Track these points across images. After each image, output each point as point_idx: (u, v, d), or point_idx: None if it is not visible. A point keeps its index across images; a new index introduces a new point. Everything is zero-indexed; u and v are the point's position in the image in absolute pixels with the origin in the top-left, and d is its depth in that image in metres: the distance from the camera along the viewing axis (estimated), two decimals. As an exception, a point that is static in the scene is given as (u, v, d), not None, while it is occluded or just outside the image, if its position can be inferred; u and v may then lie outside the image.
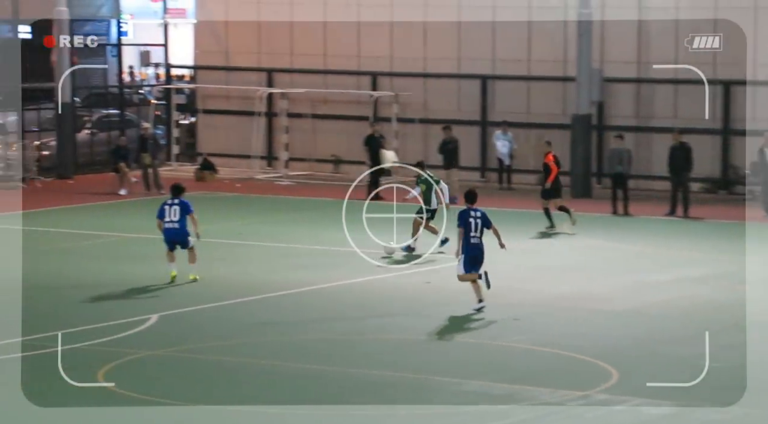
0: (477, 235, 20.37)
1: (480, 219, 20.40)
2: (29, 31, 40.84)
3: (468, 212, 20.45)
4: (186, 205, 22.78)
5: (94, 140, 38.36)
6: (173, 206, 22.75)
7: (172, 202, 22.85)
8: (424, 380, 16.67)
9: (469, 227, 20.30)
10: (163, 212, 22.77)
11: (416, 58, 36.75)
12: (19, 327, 19.06)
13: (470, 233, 20.33)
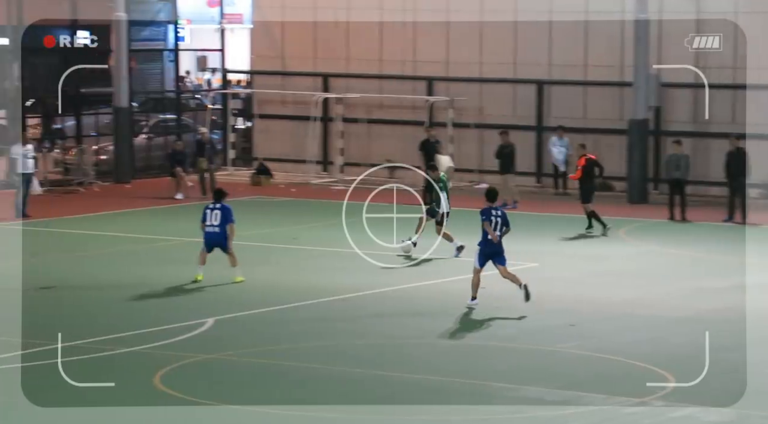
0: (496, 233, 20.73)
1: (500, 218, 20.81)
2: (88, 36, 41.17)
3: (490, 210, 20.85)
4: (228, 211, 22.90)
5: (151, 145, 38.60)
6: (215, 211, 22.91)
7: (214, 206, 23.00)
8: (479, 385, 16.63)
9: (490, 225, 20.68)
10: (205, 216, 22.93)
11: (472, 63, 36.70)
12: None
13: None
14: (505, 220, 20.86)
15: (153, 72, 43.83)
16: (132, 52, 38.06)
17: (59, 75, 40.41)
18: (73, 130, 38.40)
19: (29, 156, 30.81)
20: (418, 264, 24.69)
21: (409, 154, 35.37)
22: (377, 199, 25.73)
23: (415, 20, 37.13)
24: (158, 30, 43.34)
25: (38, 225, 29.44)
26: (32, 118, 38.66)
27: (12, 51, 38.26)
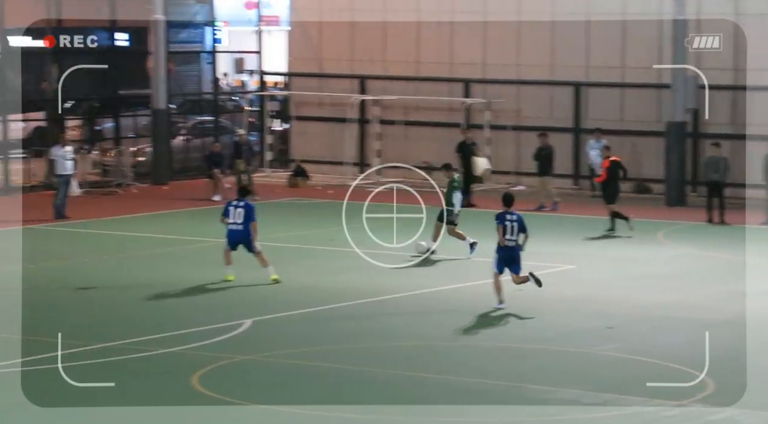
0: (512, 238, 20.85)
1: (516, 223, 20.89)
2: (126, 38, 41.42)
3: (504, 214, 20.96)
4: (251, 209, 22.94)
5: (188, 146, 38.75)
6: (238, 208, 22.96)
7: (237, 203, 23.05)
8: (515, 387, 16.61)
9: (505, 230, 20.77)
10: (228, 212, 22.96)
11: (509, 65, 36.65)
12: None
13: (505, 235, 20.79)
14: (522, 225, 20.88)
15: (190, 74, 44.07)
16: (170, 53, 38.23)
17: (98, 77, 40.71)
18: (112, 131, 38.61)
19: (68, 157, 31.00)
20: (453, 266, 24.64)
21: (446, 156, 35.33)
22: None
23: (452, 21, 37.11)
24: (196, 32, 43.58)
25: (77, 226, 29.63)
26: (71, 120, 38.91)
27: (51, 53, 38.53)
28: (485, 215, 30.55)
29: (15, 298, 22.08)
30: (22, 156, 36.12)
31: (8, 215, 31.09)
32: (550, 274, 24.26)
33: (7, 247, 27.19)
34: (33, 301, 21.87)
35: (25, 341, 18.84)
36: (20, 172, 35.41)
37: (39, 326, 19.95)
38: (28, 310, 21.27)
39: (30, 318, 20.63)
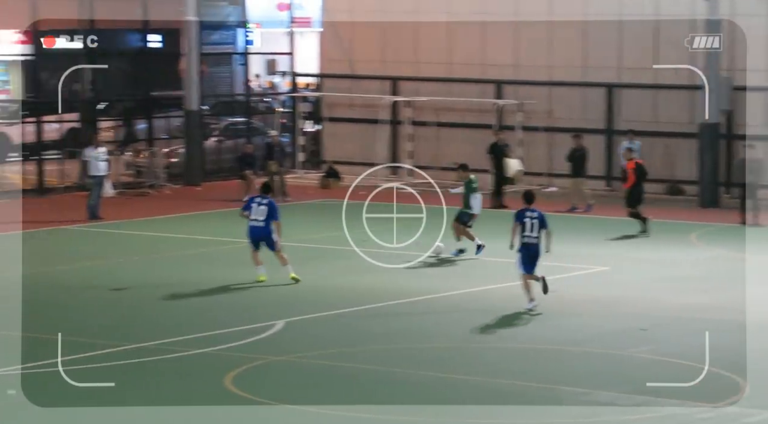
0: (533, 235, 20.84)
1: (537, 220, 20.89)
2: (159, 39, 41.58)
3: (524, 212, 20.99)
4: (274, 207, 22.94)
5: (221, 148, 38.84)
6: (261, 205, 22.96)
7: (261, 200, 23.05)
8: (551, 389, 16.57)
9: (524, 227, 20.80)
10: (250, 207, 22.96)
11: (541, 67, 36.58)
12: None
13: (525, 233, 20.82)
14: (543, 221, 20.92)
15: (223, 75, 44.19)
16: (202, 55, 38.33)
17: (131, 78, 40.91)
18: (145, 133, 38.76)
19: (101, 159, 31.11)
20: (482, 267, 24.59)
21: (478, 157, 35.32)
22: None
23: (484, 21, 37.03)
24: (228, 33, 43.67)
25: (110, 227, 29.75)
26: (104, 122, 39.07)
27: (84, 55, 38.71)
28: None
29: (49, 297, 22.22)
30: (57, 157, 36.29)
31: (42, 215, 31.28)
32: (582, 276, 24.22)
33: (40, 247, 27.37)
34: (67, 301, 21.99)
35: (55, 341, 18.91)
36: (55, 173, 35.59)
37: (72, 326, 20.05)
38: (62, 310, 21.39)
39: (64, 318, 20.75)
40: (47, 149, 36.36)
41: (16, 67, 42.97)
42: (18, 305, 21.44)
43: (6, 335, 19.38)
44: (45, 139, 36.47)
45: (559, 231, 28.01)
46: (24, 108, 40.00)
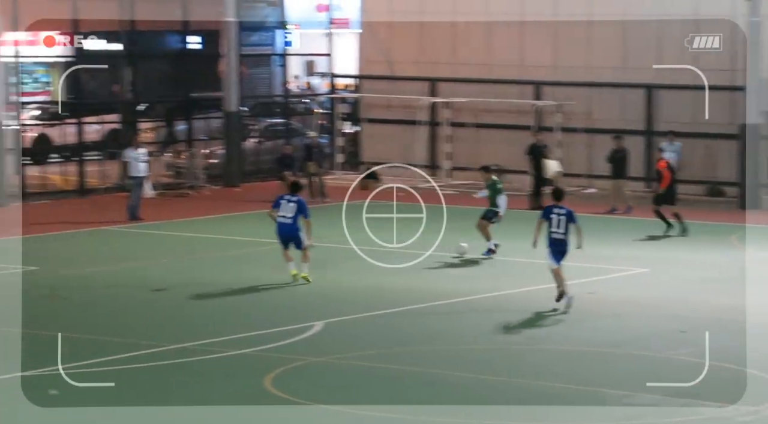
0: (560, 231, 21.09)
1: (564, 216, 21.10)
2: (199, 41, 41.74)
3: (552, 208, 21.24)
4: (303, 205, 23.06)
5: (260, 149, 38.96)
6: (290, 203, 23.09)
7: (290, 198, 23.14)
8: (591, 391, 16.54)
9: (551, 223, 21.06)
10: (279, 204, 23.06)
11: (580, 67, 36.49)
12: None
13: (552, 229, 21.09)
14: (571, 217, 21.09)
15: (262, 76, 44.31)
16: (241, 56, 38.47)
17: (171, 80, 41.10)
18: (185, 134, 38.94)
19: (141, 159, 31.26)
20: (521, 269, 24.55)
21: (517, 158, 35.29)
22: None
23: (522, 21, 36.96)
24: (267, 35, 43.79)
25: (150, 228, 29.90)
26: (144, 123, 39.27)
27: (125, 56, 38.93)
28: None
29: (90, 298, 22.37)
30: (97, 158, 36.50)
31: (83, 216, 31.48)
32: (622, 277, 24.16)
33: (79, 248, 27.56)
34: (108, 302, 22.12)
35: (101, 341, 19.05)
36: (95, 174, 35.80)
37: (113, 326, 20.18)
38: (103, 311, 21.52)
39: (105, 319, 20.88)
40: (88, 150, 36.58)
41: (57, 69, 43.29)
42: (63, 305, 21.59)
43: (38, 335, 19.55)
44: (86, 140, 36.69)
45: (599, 233, 28.08)
46: (64, 109, 40.29)
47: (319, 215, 32.99)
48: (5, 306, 21.77)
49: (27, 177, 34.65)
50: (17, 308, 21.62)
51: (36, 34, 40.32)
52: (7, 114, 34.52)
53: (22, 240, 28.16)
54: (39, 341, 19.11)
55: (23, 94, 37.11)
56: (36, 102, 41.48)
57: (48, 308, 21.49)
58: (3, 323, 20.22)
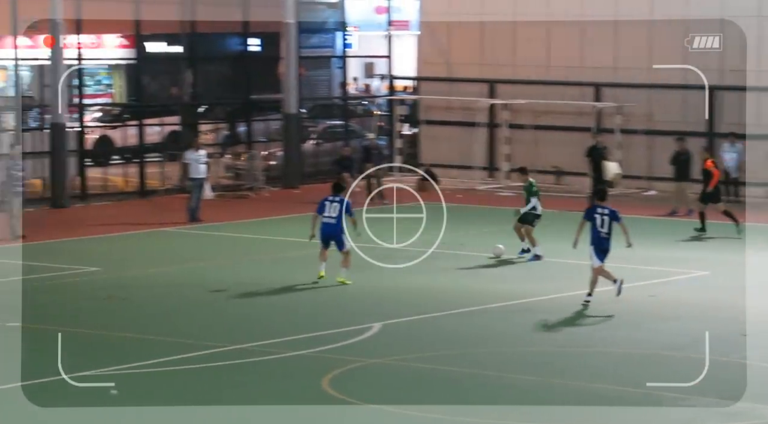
0: (604, 230, 21.39)
1: (607, 216, 21.41)
2: (259, 43, 41.94)
3: (596, 208, 21.55)
4: (347, 204, 23.28)
5: (319, 150, 39.06)
6: (333, 203, 23.29)
7: (333, 199, 23.30)
8: (650, 394, 16.43)
9: (595, 223, 21.32)
10: (324, 207, 23.27)
11: (640, 69, 36.24)
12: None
13: (596, 229, 21.36)
14: (614, 216, 21.39)
15: (321, 78, 44.43)
16: (301, 58, 38.59)
17: (231, 82, 41.33)
18: (244, 136, 39.13)
19: (201, 161, 31.43)
20: (576, 272, 24.41)
21: (576, 160, 35.13)
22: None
23: (582, 20, 36.78)
24: (326, 37, 43.90)
25: (209, 229, 30.07)
26: (205, 125, 39.49)
27: (185, 58, 39.19)
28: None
29: (150, 298, 22.54)
30: (158, 160, 36.77)
31: (145, 218, 31.73)
32: (683, 280, 23.97)
33: (142, 248, 27.77)
34: (167, 302, 22.27)
35: (158, 341, 19.19)
36: (156, 175, 36.06)
37: (172, 327, 20.32)
38: (162, 311, 21.68)
39: (163, 319, 21.03)
40: (148, 152, 36.85)
41: (119, 71, 43.67)
42: (132, 306, 21.78)
43: (94, 335, 19.71)
44: (146, 142, 36.96)
45: (659, 235, 27.89)
46: (126, 111, 40.65)
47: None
48: (63, 307, 21.98)
49: (88, 178, 34.94)
50: (75, 308, 21.84)
51: (99, 37, 40.74)
52: (70, 116, 34.88)
53: (83, 241, 28.43)
54: (94, 341, 19.29)
55: (85, 97, 37.44)
56: (98, 104, 41.85)
57: (107, 309, 21.66)
58: (60, 324, 20.42)
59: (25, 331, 19.65)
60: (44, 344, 19.03)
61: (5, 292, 22.97)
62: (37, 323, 20.29)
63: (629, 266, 24.74)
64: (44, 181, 33.88)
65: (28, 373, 17.01)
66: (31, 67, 39.87)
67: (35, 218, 30.81)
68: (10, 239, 28.07)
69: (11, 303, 21.91)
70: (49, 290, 23.09)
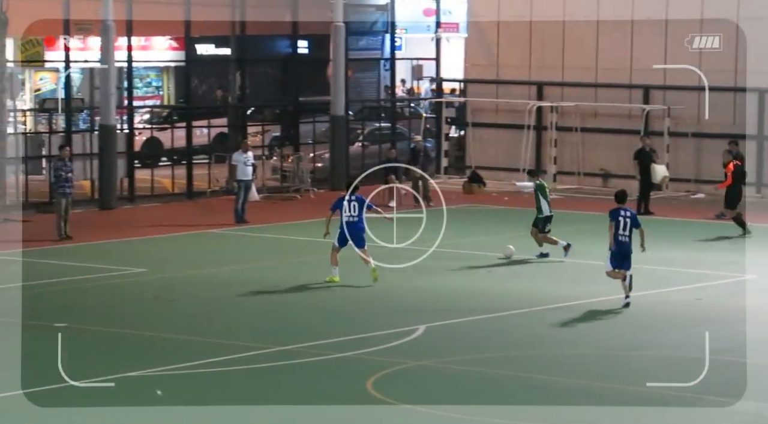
0: (625, 233, 21.41)
1: (629, 218, 21.45)
2: (307, 46, 42.06)
3: (618, 210, 21.53)
4: (364, 201, 23.54)
5: (365, 152, 39.10)
6: (352, 202, 23.50)
7: (350, 198, 23.41)
8: (697, 398, 16.34)
9: (618, 225, 21.33)
10: (341, 205, 23.42)
11: (689, 72, 35.99)
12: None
13: (618, 231, 21.34)
14: (635, 220, 21.47)
15: (369, 81, 44.49)
16: (349, 61, 38.65)
17: (279, 84, 41.48)
18: (292, 137, 39.21)
19: (249, 163, 31.55)
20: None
21: (622, 162, 34.99)
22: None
23: (632, 19, 36.58)
24: (375, 39, 43.95)
25: (256, 230, 30.19)
26: (252, 126, 39.66)
27: (234, 60, 39.37)
28: (662, 223, 30.19)
29: (197, 300, 22.66)
30: (205, 162, 36.95)
31: (192, 219, 31.90)
32: (730, 283, 23.81)
33: (193, 249, 27.93)
34: (214, 304, 22.38)
35: (207, 343, 19.30)
36: (203, 177, 36.24)
37: (219, 328, 20.41)
38: (209, 312, 21.78)
39: (209, 320, 21.13)
40: (196, 154, 37.05)
41: (169, 73, 43.93)
42: (179, 306, 21.89)
43: (140, 336, 19.85)
44: (194, 143, 37.15)
45: (707, 238, 27.74)
46: (174, 113, 40.88)
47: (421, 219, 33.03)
48: (111, 308, 22.14)
49: (136, 180, 35.17)
50: (123, 309, 21.99)
51: (149, 39, 41.02)
52: (119, 118, 35.13)
53: (130, 242, 28.62)
54: (141, 342, 19.42)
55: (135, 99, 37.70)
56: (147, 106, 42.13)
57: (154, 310, 21.80)
58: (107, 325, 20.58)
59: (73, 332, 19.81)
60: (92, 345, 19.20)
61: (53, 293, 23.17)
62: (86, 323, 20.45)
63: (676, 269, 24.66)
64: (93, 183, 34.14)
65: (75, 374, 17.15)
66: (82, 70, 40.20)
67: (83, 219, 31.06)
68: (58, 240, 28.33)
69: (59, 304, 22.12)
70: (96, 291, 23.27)
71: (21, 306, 21.35)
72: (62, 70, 35.22)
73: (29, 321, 20.42)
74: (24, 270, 24.96)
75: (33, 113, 37.94)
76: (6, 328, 20.05)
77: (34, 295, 22.73)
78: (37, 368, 17.26)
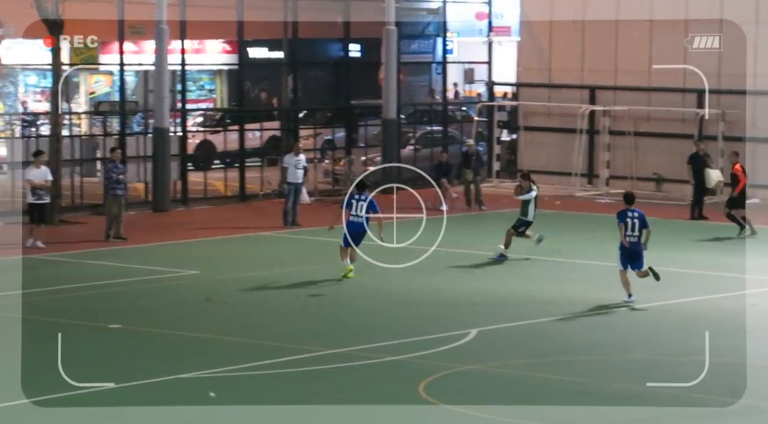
0: (634, 234, 21.68)
1: (637, 219, 21.72)
2: (359, 49, 42.13)
3: (626, 212, 21.79)
4: (372, 202, 23.59)
5: (417, 156, 39.12)
6: (360, 201, 23.58)
7: (359, 197, 23.43)
8: (751, 405, 16.21)
9: (627, 226, 21.62)
10: (351, 204, 23.52)
11: (744, 75, 35.74)
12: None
13: (627, 232, 21.62)
14: (643, 221, 21.70)
15: (420, 84, 44.50)
16: (401, 64, 38.67)
17: (331, 87, 41.59)
18: (343, 141, 39.30)
19: (300, 166, 31.60)
20: (675, 279, 24.16)
21: (677, 167, 34.77)
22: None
23: (686, 19, 36.36)
24: (427, 43, 43.99)
25: (306, 233, 30.24)
26: (304, 130, 39.78)
27: (286, 64, 39.51)
28: (715, 228, 29.98)
29: (247, 302, 22.76)
30: (257, 164, 37.08)
31: (243, 222, 32.02)
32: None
33: (245, 251, 28.05)
34: (265, 306, 22.47)
35: (259, 345, 19.37)
36: (255, 180, 36.37)
37: (270, 330, 20.49)
38: (259, 315, 21.87)
39: (261, 323, 21.21)
40: (249, 157, 37.19)
41: (221, 76, 44.16)
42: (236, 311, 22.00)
43: (192, 337, 19.95)
44: (247, 146, 37.30)
45: (761, 243, 27.52)
46: (227, 116, 41.09)
47: (474, 222, 33.04)
48: (164, 310, 22.28)
49: (189, 183, 35.36)
50: (176, 311, 22.12)
51: (202, 42, 41.25)
52: (173, 121, 35.34)
53: (182, 245, 28.77)
54: (194, 344, 19.52)
55: (188, 102, 37.90)
56: (200, 109, 42.35)
57: (207, 312, 21.90)
58: (161, 326, 20.70)
59: (127, 333, 19.96)
60: (147, 346, 19.33)
61: (107, 295, 23.34)
62: (139, 325, 20.60)
63: (729, 275, 24.47)
64: (146, 185, 34.36)
65: (123, 376, 17.27)
66: (136, 73, 40.48)
67: (137, 221, 31.27)
68: (111, 242, 28.53)
69: (114, 305, 22.28)
70: (149, 293, 23.42)
71: (65, 308, 21.59)
72: (116, 73, 35.44)
73: (83, 322, 20.59)
74: (77, 271, 25.19)
75: (88, 116, 38.26)
76: (62, 328, 20.22)
77: (88, 296, 22.92)
78: (86, 368, 17.38)
